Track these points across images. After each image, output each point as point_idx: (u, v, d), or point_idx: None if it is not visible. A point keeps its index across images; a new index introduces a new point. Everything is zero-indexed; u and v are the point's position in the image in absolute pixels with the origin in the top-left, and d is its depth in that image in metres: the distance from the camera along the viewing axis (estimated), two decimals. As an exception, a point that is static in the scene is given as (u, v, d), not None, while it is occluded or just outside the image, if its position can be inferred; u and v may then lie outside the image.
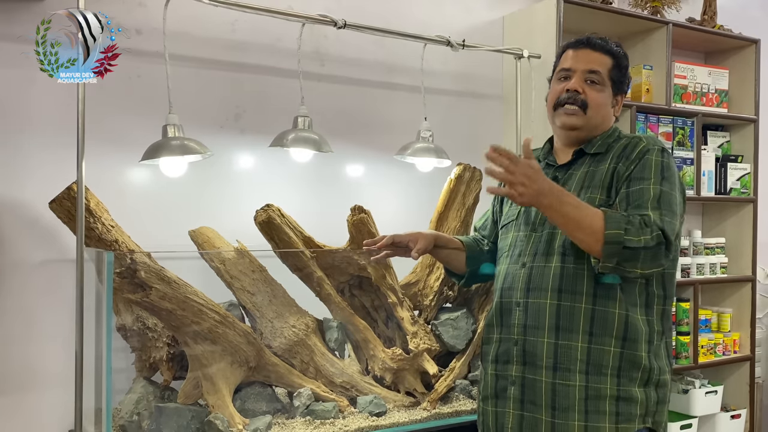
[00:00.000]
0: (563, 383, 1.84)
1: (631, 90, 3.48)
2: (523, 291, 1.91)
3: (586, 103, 1.94)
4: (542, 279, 1.88)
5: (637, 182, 1.82)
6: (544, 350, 1.87)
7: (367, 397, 2.52)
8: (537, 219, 1.94)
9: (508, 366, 1.94)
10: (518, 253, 1.96)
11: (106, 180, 2.42)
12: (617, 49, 2.01)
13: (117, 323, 2.31)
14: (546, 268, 1.88)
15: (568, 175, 1.97)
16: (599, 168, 1.91)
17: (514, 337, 1.92)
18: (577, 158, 1.98)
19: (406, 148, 2.81)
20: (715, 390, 3.66)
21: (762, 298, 4.20)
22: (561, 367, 1.85)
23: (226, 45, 2.71)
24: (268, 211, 2.39)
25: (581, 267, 1.83)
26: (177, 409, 2.25)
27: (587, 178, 1.92)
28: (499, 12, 3.39)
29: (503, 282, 1.98)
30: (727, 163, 3.79)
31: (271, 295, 2.46)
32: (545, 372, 1.86)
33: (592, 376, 1.83)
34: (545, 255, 1.89)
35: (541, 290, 1.88)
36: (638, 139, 1.93)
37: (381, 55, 3.02)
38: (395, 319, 2.61)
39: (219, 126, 2.71)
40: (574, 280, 1.85)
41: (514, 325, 1.93)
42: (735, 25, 3.83)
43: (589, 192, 1.88)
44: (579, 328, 1.84)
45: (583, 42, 2.01)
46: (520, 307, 1.91)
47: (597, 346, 1.83)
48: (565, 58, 2.02)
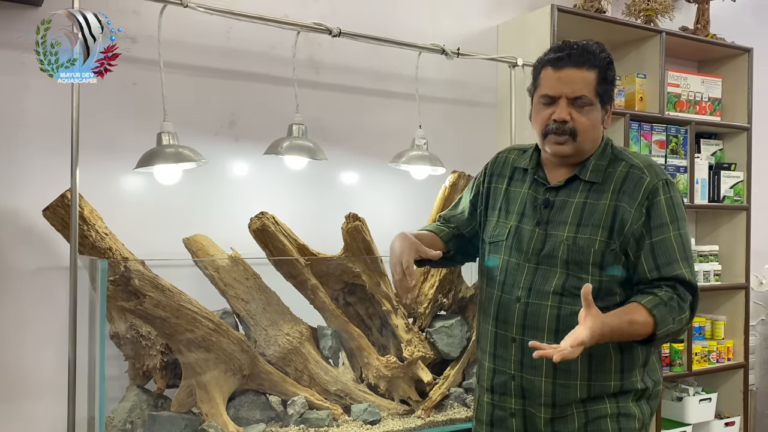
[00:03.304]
0: (561, 416, 1.84)
1: (625, 98, 3.50)
2: (519, 327, 1.86)
3: (575, 130, 1.83)
4: (538, 319, 1.83)
5: (658, 232, 1.79)
6: (542, 390, 1.84)
7: (362, 405, 2.52)
8: (531, 248, 1.87)
9: (506, 398, 1.90)
10: (512, 283, 1.89)
11: (100, 187, 2.42)
12: (601, 55, 1.87)
13: (110, 331, 2.30)
14: (542, 306, 1.83)
15: (562, 201, 1.88)
16: (599, 203, 1.84)
17: (511, 372, 1.88)
18: (571, 182, 1.89)
19: (401, 156, 2.82)
20: (709, 397, 3.68)
21: (755, 305, 4.22)
22: (560, 404, 1.84)
23: (220, 53, 2.72)
24: (263, 218, 2.39)
25: (578, 307, 1.75)
26: (170, 417, 2.25)
27: (585, 212, 1.85)
28: (493, 21, 3.40)
29: (497, 311, 1.92)
30: (721, 171, 3.81)
31: (266, 303, 2.45)
32: (544, 409, 1.85)
33: (587, 408, 1.83)
34: (540, 293, 1.84)
35: (538, 330, 1.83)
36: (640, 172, 1.84)
37: (376, 63, 3.03)
38: (390, 326, 2.62)
39: (213, 133, 2.71)
40: (570, 321, 1.76)
41: (510, 360, 1.88)
42: (728, 34, 3.85)
43: (588, 230, 1.82)
44: (577, 369, 1.81)
45: (563, 59, 1.84)
46: (516, 343, 1.87)
47: (596, 383, 1.83)
48: (545, 78, 1.87)
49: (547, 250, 1.84)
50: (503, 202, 1.99)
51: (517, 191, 1.97)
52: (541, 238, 1.86)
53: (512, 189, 1.99)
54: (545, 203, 1.88)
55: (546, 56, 1.90)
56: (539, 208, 1.89)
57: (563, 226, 1.84)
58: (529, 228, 1.89)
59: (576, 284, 1.79)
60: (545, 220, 1.88)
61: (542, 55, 1.92)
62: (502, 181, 2.02)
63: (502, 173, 2.04)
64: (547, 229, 1.86)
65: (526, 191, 1.95)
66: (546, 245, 1.85)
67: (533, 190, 1.93)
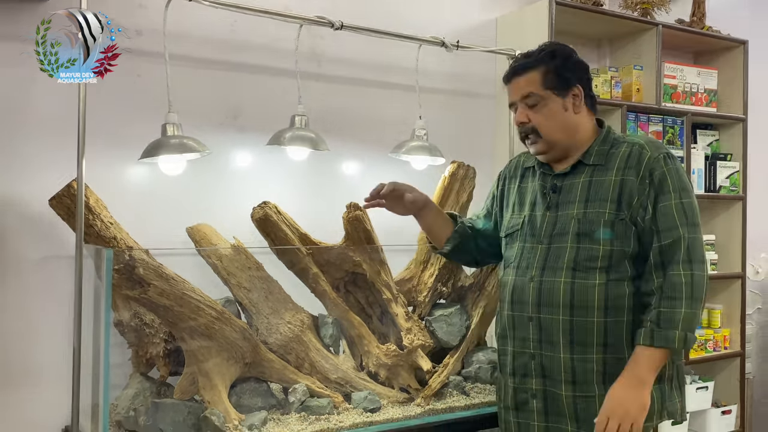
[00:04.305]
0: (583, 395, 1.88)
1: (622, 89, 3.52)
2: (535, 306, 1.93)
3: (535, 128, 1.96)
4: (552, 295, 1.90)
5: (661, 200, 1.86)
6: (562, 366, 1.89)
7: (362, 393, 2.53)
8: (543, 231, 1.96)
9: (527, 379, 1.96)
10: (525, 265, 1.97)
11: (106, 178, 2.44)
12: (541, 54, 1.99)
13: (114, 319, 2.31)
14: (555, 283, 1.90)
15: (569, 184, 1.97)
16: (605, 179, 1.91)
17: (530, 351, 1.94)
18: (576, 167, 1.98)
19: (401, 146, 2.84)
20: (706, 386, 3.71)
21: (752, 294, 4.25)
22: (579, 380, 1.88)
23: (225, 45, 2.74)
24: (265, 208, 2.41)
25: (592, 281, 1.86)
26: (173, 404, 2.25)
27: (592, 189, 1.92)
28: (492, 14, 3.43)
29: (512, 294, 1.99)
30: (717, 162, 3.84)
31: (267, 292, 2.47)
32: (565, 386, 1.89)
33: (609, 385, 1.85)
34: (554, 269, 1.91)
35: (553, 306, 1.90)
36: (640, 149, 1.93)
37: (377, 55, 3.05)
38: (390, 315, 2.63)
39: (217, 124, 2.73)
40: (584, 295, 1.86)
41: (528, 340, 1.95)
42: (723, 27, 3.88)
43: (596, 205, 1.90)
44: (593, 342, 1.87)
45: (509, 74, 2.03)
46: (533, 322, 1.93)
47: (612, 356, 1.87)
48: (507, 92, 2.06)
49: (558, 229, 1.93)
50: (516, 199, 2.11)
51: (528, 186, 2.09)
52: (552, 220, 1.95)
53: (523, 185, 2.11)
54: (553, 188, 1.97)
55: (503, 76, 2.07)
56: (548, 194, 1.99)
57: (572, 205, 1.93)
58: (540, 214, 1.99)
59: (587, 255, 1.87)
60: (555, 203, 1.97)
61: None
62: (515, 182, 2.15)
63: (515, 175, 2.17)
64: (557, 212, 1.95)
65: (535, 184, 2.05)
66: (557, 225, 1.94)
67: (541, 180, 2.03)
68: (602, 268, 1.87)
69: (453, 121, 3.27)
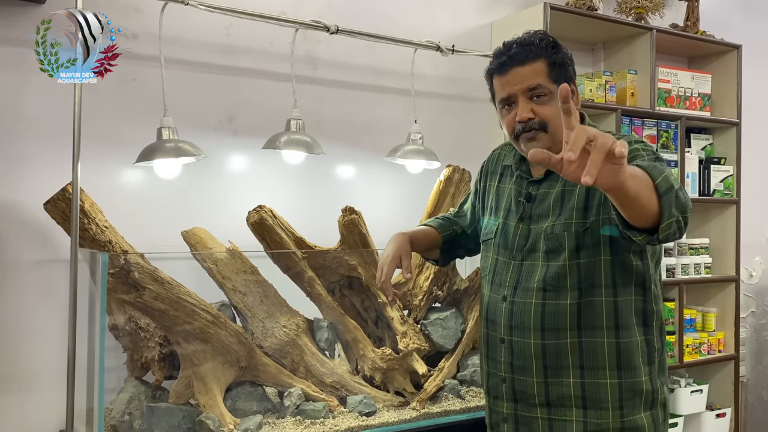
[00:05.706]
0: (560, 419, 1.77)
1: (617, 94, 3.53)
2: (507, 328, 1.82)
3: (544, 122, 1.74)
4: (524, 317, 1.78)
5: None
6: (535, 389, 1.79)
7: (357, 396, 2.53)
8: (515, 245, 1.83)
9: (498, 402, 1.87)
10: (499, 282, 1.86)
11: (101, 181, 2.44)
12: (542, 43, 1.77)
13: (109, 323, 2.31)
14: (526, 304, 1.78)
15: (543, 194, 1.83)
16: (575, 188, 1.74)
17: (502, 374, 1.84)
18: (550, 172, 1.80)
19: (397, 150, 2.85)
20: (701, 389, 3.71)
21: (746, 297, 4.27)
22: (555, 404, 1.77)
23: (220, 49, 2.74)
24: (260, 212, 2.41)
25: (563, 302, 1.73)
26: (168, 408, 2.25)
27: (563, 200, 1.78)
28: (487, 18, 3.44)
29: (486, 312, 1.91)
30: (711, 165, 3.85)
31: (263, 296, 2.47)
32: (540, 409, 1.79)
33: (590, 411, 1.75)
34: (525, 290, 1.79)
35: (524, 329, 1.78)
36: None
37: (372, 59, 3.06)
38: (385, 318, 2.64)
39: (213, 128, 2.74)
40: (555, 317, 1.74)
41: (500, 362, 1.84)
42: (717, 31, 3.90)
43: (564, 217, 1.76)
44: (568, 364, 1.75)
45: (506, 63, 1.78)
46: (505, 344, 1.82)
47: (591, 380, 1.75)
48: (497, 86, 1.82)
49: (529, 245, 1.81)
50: (493, 200, 1.98)
51: (505, 187, 1.95)
52: (524, 233, 1.83)
53: (501, 186, 1.98)
54: (527, 198, 1.85)
55: (491, 65, 1.84)
56: (522, 203, 1.86)
57: (544, 219, 1.80)
58: (513, 224, 1.87)
59: (555, 273, 1.74)
60: (528, 215, 1.84)
61: (489, 64, 1.85)
62: (494, 179, 2.02)
63: (495, 170, 2.04)
64: (530, 224, 1.82)
65: (511, 187, 1.93)
66: (529, 240, 1.81)
67: (517, 185, 1.90)
68: (572, 285, 1.74)
69: (448, 125, 3.28)
